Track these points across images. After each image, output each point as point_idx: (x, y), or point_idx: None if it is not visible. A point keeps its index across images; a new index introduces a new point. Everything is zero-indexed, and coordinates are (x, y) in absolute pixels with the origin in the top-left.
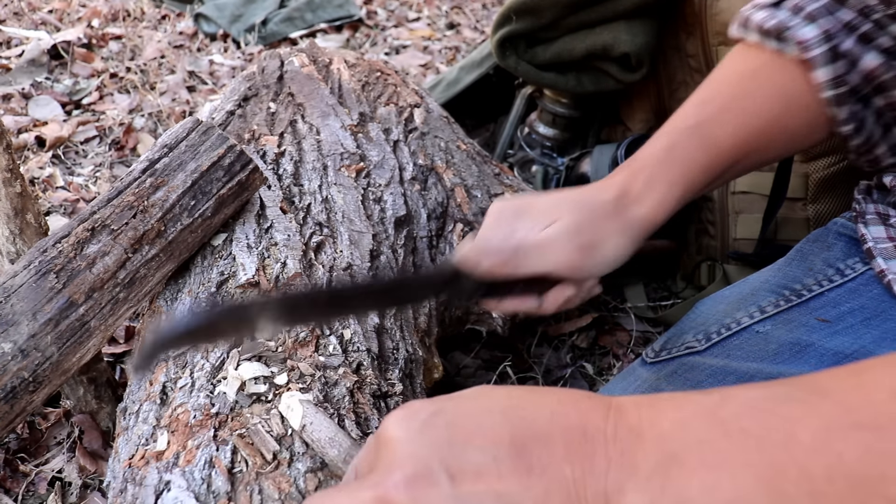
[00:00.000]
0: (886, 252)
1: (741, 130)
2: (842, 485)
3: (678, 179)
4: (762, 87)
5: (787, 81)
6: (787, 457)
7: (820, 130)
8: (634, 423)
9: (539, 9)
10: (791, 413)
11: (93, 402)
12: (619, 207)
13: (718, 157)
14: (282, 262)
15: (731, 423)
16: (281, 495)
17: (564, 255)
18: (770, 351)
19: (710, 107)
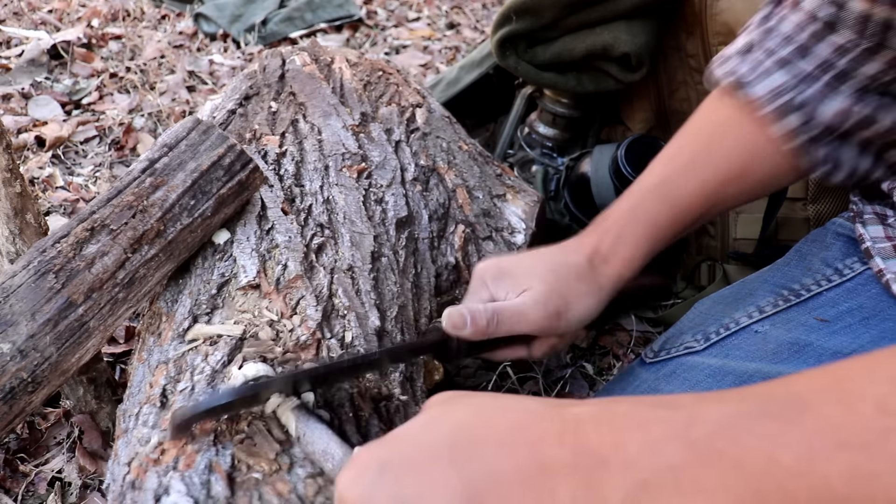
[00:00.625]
0: (884, 251)
1: (705, 185)
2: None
3: (644, 236)
4: (726, 140)
5: (751, 135)
6: (769, 481)
7: (787, 176)
8: (596, 446)
9: (539, 9)
10: (769, 432)
11: (92, 402)
12: (589, 269)
13: (682, 211)
14: (283, 263)
15: (705, 446)
16: (280, 501)
17: (537, 320)
18: (769, 350)
19: (674, 163)
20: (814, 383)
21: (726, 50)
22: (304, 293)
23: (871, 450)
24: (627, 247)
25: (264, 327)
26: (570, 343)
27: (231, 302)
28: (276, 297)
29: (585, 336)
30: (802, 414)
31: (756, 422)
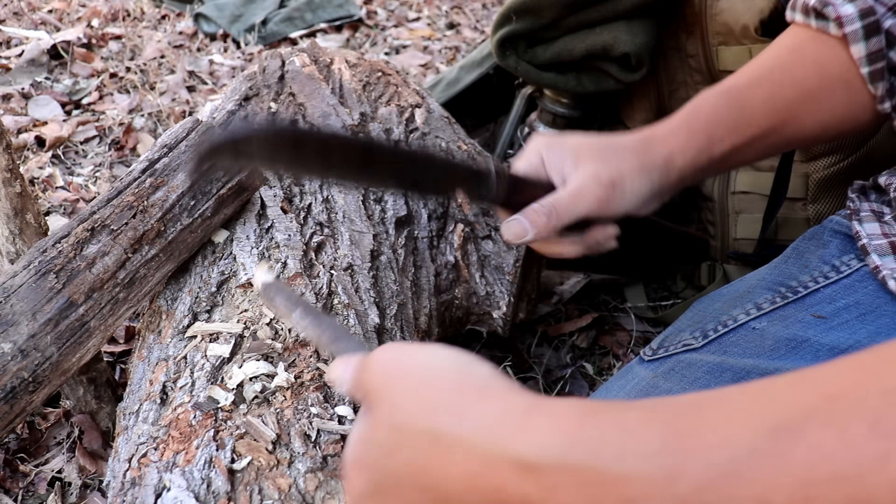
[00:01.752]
0: (881, 248)
1: (773, 98)
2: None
3: (702, 129)
4: (800, 61)
5: (827, 57)
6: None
7: (862, 111)
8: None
9: (539, 9)
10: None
11: (93, 402)
12: (642, 146)
13: (747, 119)
14: (282, 262)
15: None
16: (281, 495)
17: (593, 193)
18: (766, 347)
19: (745, 75)
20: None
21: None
22: (303, 291)
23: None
24: (683, 133)
25: (263, 325)
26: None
27: (231, 299)
28: None
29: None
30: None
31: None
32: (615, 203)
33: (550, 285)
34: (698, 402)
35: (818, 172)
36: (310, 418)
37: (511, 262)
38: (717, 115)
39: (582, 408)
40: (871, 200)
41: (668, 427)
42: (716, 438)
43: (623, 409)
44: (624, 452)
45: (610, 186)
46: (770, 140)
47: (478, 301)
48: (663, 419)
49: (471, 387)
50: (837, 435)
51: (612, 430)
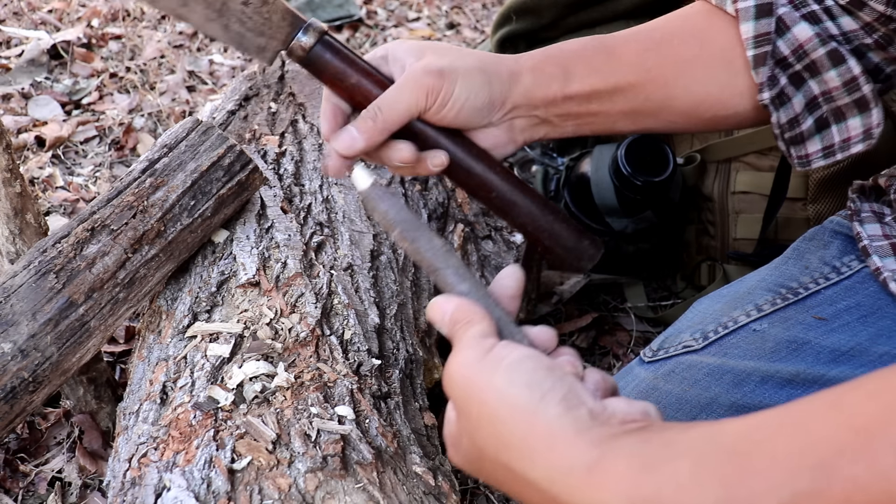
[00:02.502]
0: (882, 250)
1: (646, 53)
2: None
3: (560, 59)
4: (685, 28)
5: (714, 31)
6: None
7: (740, 98)
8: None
9: (539, 9)
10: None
11: (93, 402)
12: (489, 56)
13: (612, 64)
14: (282, 261)
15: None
16: (281, 495)
17: (419, 80)
18: (767, 349)
19: (626, 31)
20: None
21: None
22: (303, 291)
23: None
24: (539, 58)
25: (263, 325)
26: (423, 170)
27: (231, 299)
28: (275, 295)
29: (440, 166)
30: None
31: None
32: (444, 99)
33: (550, 285)
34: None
35: (818, 172)
36: (310, 418)
37: (511, 262)
38: (581, 52)
39: (640, 463)
40: (872, 201)
41: (718, 480)
42: (762, 486)
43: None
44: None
45: (439, 76)
46: (634, 96)
47: None
48: (713, 471)
49: (541, 432)
50: (868, 467)
51: (667, 488)
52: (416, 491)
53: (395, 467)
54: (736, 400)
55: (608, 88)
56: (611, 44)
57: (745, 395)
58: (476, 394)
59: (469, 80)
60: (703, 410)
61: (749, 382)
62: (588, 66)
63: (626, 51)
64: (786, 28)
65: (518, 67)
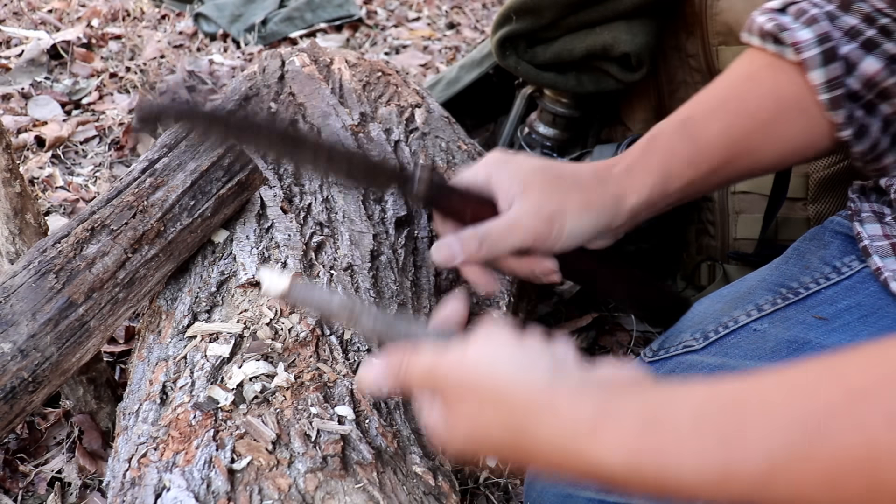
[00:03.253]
0: (882, 250)
1: (730, 129)
2: None
3: (658, 165)
4: (756, 89)
5: (783, 84)
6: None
7: (821, 139)
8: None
9: (539, 9)
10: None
11: (92, 402)
12: (594, 181)
13: (702, 152)
14: (282, 261)
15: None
16: (280, 495)
17: (529, 226)
18: (767, 349)
19: (701, 105)
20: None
21: (765, 5)
22: None
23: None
24: (639, 171)
25: (263, 325)
26: (535, 276)
27: (231, 299)
28: None
29: (557, 279)
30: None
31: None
32: (553, 239)
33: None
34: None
35: (818, 172)
36: (310, 418)
37: None
38: (672, 150)
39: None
40: (872, 201)
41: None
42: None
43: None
44: (680, 463)
45: (549, 221)
46: (726, 172)
47: (478, 301)
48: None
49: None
50: (856, 430)
51: (669, 441)
52: (416, 491)
53: (395, 467)
54: None
55: (702, 175)
56: (694, 129)
57: None
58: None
59: (578, 220)
60: None
61: None
62: (682, 161)
63: (710, 133)
64: (854, 66)
65: (622, 190)
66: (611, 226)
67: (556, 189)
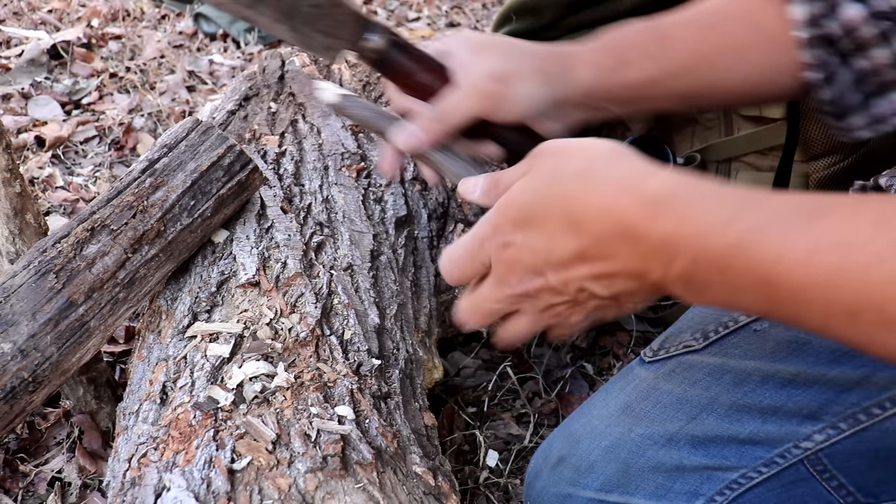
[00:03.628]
0: None
1: (699, 39)
2: None
3: (615, 48)
4: (736, 10)
5: (763, 13)
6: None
7: (785, 76)
8: (661, 233)
9: (539, 9)
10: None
11: (92, 402)
12: (546, 53)
13: (667, 52)
14: (282, 261)
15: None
16: (281, 495)
17: (480, 86)
18: (767, 349)
19: (675, 14)
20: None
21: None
22: (303, 291)
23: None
24: (596, 47)
25: (263, 325)
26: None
27: (231, 299)
28: (275, 295)
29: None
30: (872, 239)
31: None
32: (506, 102)
33: None
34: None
35: (818, 172)
36: (310, 418)
37: None
38: (635, 40)
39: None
40: None
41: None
42: (773, 202)
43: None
44: (720, 206)
45: (502, 81)
46: (689, 81)
47: None
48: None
49: (622, 155)
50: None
51: (711, 196)
52: (416, 491)
53: (395, 467)
54: (736, 399)
55: (664, 75)
56: (666, 29)
57: (745, 395)
58: (565, 145)
59: (528, 82)
60: (703, 410)
61: (749, 382)
62: (644, 53)
63: (681, 35)
64: (835, 8)
65: (575, 62)
66: (563, 97)
67: (508, 54)
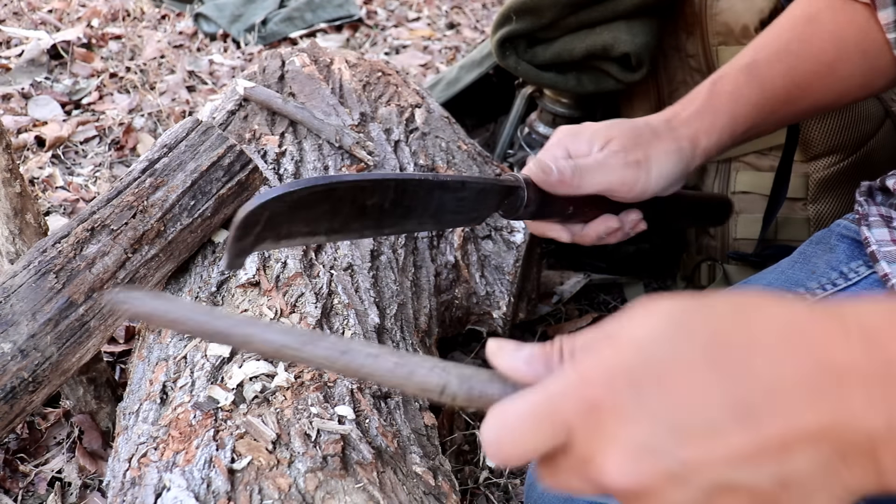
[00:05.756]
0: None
1: (792, 73)
2: None
3: (726, 109)
4: (817, 32)
5: (844, 26)
6: None
7: (878, 78)
8: (894, 353)
9: (539, 9)
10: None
11: (92, 402)
12: (667, 129)
13: (767, 95)
14: (282, 262)
15: None
16: (280, 495)
17: (618, 168)
18: None
19: (764, 50)
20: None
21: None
22: (303, 290)
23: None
24: (708, 114)
25: None
26: (627, 234)
27: (231, 299)
28: (275, 295)
29: (644, 227)
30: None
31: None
32: (641, 183)
33: (550, 285)
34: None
35: (818, 172)
36: (310, 418)
37: (511, 262)
38: (738, 93)
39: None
40: (879, 203)
41: None
42: None
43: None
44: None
45: (635, 165)
46: (784, 112)
47: (478, 301)
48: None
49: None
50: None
51: None
52: (416, 491)
53: (395, 467)
54: None
55: (765, 116)
56: (759, 72)
57: None
58: (687, 302)
59: (662, 166)
60: None
61: None
62: (747, 104)
63: (774, 76)
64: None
65: (695, 134)
66: (688, 168)
67: (636, 140)
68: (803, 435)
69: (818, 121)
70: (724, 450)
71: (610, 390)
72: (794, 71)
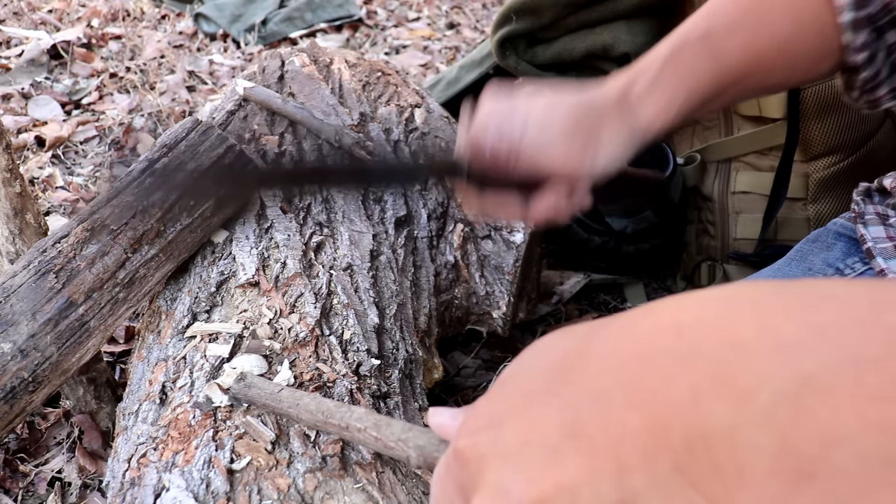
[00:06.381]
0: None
1: (749, 47)
2: None
3: (682, 84)
4: (775, 5)
5: (802, 2)
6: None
7: (827, 59)
8: (730, 332)
9: (539, 9)
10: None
11: (92, 402)
12: (617, 110)
13: (723, 70)
14: (282, 262)
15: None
16: (280, 495)
17: (562, 151)
18: None
19: (719, 19)
20: None
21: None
22: (302, 291)
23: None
24: (664, 91)
25: (263, 325)
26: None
27: (230, 300)
28: (274, 295)
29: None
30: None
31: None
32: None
33: (550, 285)
34: None
35: (818, 172)
36: None
37: (511, 262)
38: (698, 68)
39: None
40: (876, 203)
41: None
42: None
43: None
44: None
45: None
46: (737, 90)
47: (478, 301)
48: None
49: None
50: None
51: None
52: (416, 491)
53: (395, 467)
54: None
55: (719, 91)
56: (716, 44)
57: None
58: (556, 333)
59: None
60: None
61: None
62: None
63: (732, 50)
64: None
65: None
66: (637, 147)
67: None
68: (630, 437)
69: (818, 121)
70: (562, 477)
71: (472, 440)
72: (752, 45)
